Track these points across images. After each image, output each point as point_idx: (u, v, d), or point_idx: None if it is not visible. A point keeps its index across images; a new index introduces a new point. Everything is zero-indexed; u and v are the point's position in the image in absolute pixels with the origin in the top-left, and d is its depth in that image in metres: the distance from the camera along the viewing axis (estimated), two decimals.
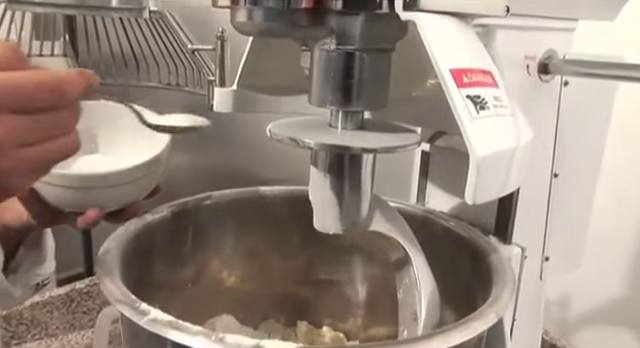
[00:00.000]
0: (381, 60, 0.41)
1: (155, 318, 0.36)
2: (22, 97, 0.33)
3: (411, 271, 0.47)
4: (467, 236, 0.53)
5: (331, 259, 0.64)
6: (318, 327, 0.65)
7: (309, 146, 0.40)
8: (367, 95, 0.41)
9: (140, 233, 0.50)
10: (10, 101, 0.33)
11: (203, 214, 0.58)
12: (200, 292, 0.59)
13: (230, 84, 0.57)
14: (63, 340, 0.87)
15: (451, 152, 0.57)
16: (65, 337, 0.88)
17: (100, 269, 0.42)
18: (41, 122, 0.34)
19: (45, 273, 0.60)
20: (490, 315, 0.41)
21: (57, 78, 0.35)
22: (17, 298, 0.58)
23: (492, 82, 0.38)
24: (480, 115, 0.36)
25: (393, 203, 0.57)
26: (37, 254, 0.57)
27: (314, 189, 0.45)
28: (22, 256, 0.56)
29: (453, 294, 0.53)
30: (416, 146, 0.42)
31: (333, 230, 0.45)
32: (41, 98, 0.34)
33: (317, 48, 0.40)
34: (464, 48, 0.38)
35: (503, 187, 0.39)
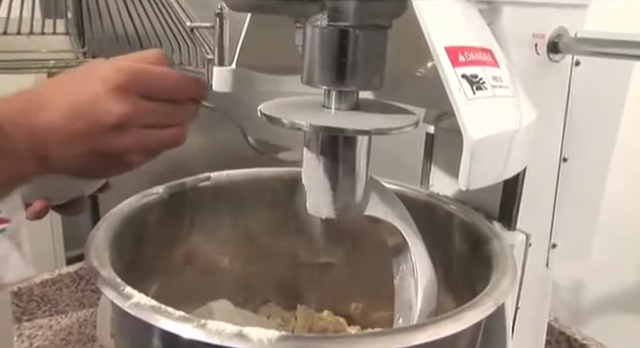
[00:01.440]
0: (376, 38, 0.39)
1: (138, 302, 0.35)
2: (152, 84, 0.40)
3: (408, 257, 0.46)
4: (469, 221, 0.51)
5: (332, 242, 0.63)
6: (319, 311, 0.65)
7: (300, 127, 0.39)
8: (362, 74, 0.39)
9: (135, 213, 0.50)
10: (142, 86, 0.39)
11: (201, 195, 0.57)
12: (199, 275, 0.59)
13: (229, 63, 0.55)
14: (72, 317, 0.88)
15: (456, 134, 0.55)
16: (75, 314, 0.89)
17: (88, 249, 0.41)
18: (163, 110, 0.41)
19: None
20: (487, 303, 0.39)
21: (183, 76, 0.43)
22: None
23: (492, 61, 0.36)
24: (477, 96, 0.34)
25: (394, 186, 0.56)
26: None
27: (307, 172, 0.43)
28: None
29: (454, 281, 0.52)
30: (413, 128, 0.40)
31: (326, 214, 0.43)
32: (166, 88, 0.41)
33: (309, 25, 0.39)
34: (463, 25, 0.36)
35: (501, 172, 0.37)
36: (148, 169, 0.53)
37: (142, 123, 0.40)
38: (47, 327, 0.85)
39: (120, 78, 0.39)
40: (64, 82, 0.40)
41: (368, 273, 0.63)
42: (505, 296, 0.41)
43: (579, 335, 0.71)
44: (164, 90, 0.41)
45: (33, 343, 0.82)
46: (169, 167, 0.59)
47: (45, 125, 0.37)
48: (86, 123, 0.38)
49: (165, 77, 0.41)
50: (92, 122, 0.38)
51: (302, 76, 0.41)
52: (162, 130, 0.42)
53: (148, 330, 0.35)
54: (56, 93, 0.38)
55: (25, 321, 0.86)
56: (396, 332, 0.35)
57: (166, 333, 0.33)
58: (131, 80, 0.39)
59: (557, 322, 0.72)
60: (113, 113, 0.38)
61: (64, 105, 0.37)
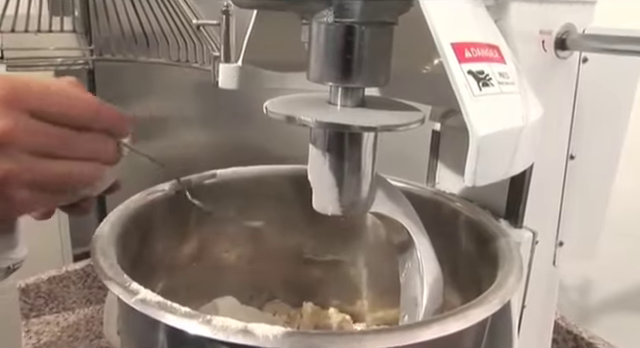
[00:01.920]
0: (382, 34, 0.39)
1: (144, 298, 0.35)
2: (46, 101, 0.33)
3: (414, 255, 0.45)
4: (475, 219, 0.51)
5: (338, 240, 0.63)
6: (325, 308, 0.65)
7: (306, 124, 0.39)
8: (367, 71, 0.39)
9: (141, 210, 0.50)
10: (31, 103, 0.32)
11: (207, 192, 0.57)
12: (205, 271, 0.59)
13: (235, 60, 0.55)
14: (79, 314, 0.89)
15: (462, 132, 0.55)
16: (82, 311, 0.89)
17: (94, 246, 0.41)
18: (61, 136, 0.34)
19: (17, 257, 0.60)
20: (493, 301, 0.39)
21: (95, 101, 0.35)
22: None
23: (498, 57, 0.36)
24: (483, 92, 0.34)
25: (399, 184, 0.56)
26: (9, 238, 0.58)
27: (313, 169, 0.43)
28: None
29: (460, 279, 0.51)
30: (419, 124, 0.40)
31: (331, 211, 0.43)
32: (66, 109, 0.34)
33: (315, 21, 0.39)
34: (469, 21, 0.36)
35: (508, 169, 0.37)
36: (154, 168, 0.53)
37: (30, 148, 0.32)
38: (54, 323, 0.86)
39: (5, 92, 0.32)
40: None
41: (374, 270, 0.63)
42: (511, 294, 0.40)
43: (586, 334, 0.70)
44: (62, 111, 0.34)
45: (41, 339, 0.82)
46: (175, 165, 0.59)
47: None
48: None
49: (66, 96, 0.34)
50: None
51: (308, 73, 0.41)
52: (60, 162, 0.34)
53: (154, 326, 0.35)
54: None
55: (33, 317, 0.87)
56: (401, 329, 0.35)
57: (172, 329, 0.34)
58: (19, 94, 0.32)
59: (564, 321, 0.72)
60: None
61: None
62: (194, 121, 0.95)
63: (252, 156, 0.72)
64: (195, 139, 0.97)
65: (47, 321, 0.86)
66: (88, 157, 0.35)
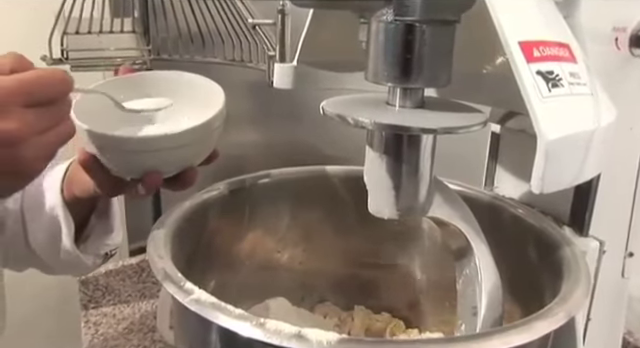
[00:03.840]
0: (444, 33, 0.38)
1: (198, 298, 0.35)
2: (31, 92, 0.38)
3: (472, 261, 0.44)
4: (537, 226, 0.48)
5: (392, 243, 0.61)
6: (377, 312, 0.63)
7: (364, 125, 0.38)
8: (428, 71, 0.38)
9: (196, 209, 0.50)
10: (22, 97, 0.38)
11: (261, 192, 0.57)
12: (257, 271, 0.59)
13: (291, 60, 0.55)
14: (134, 307, 0.91)
15: (523, 134, 0.53)
16: (136, 304, 0.91)
17: (150, 245, 0.42)
18: (49, 112, 0.40)
19: (113, 243, 0.62)
20: (558, 314, 0.37)
21: (56, 74, 0.40)
22: (88, 266, 0.61)
23: (569, 56, 0.34)
24: (552, 93, 0.32)
25: (457, 187, 0.54)
26: (105, 224, 0.60)
27: (369, 171, 0.42)
28: (92, 226, 0.59)
29: (520, 288, 0.49)
30: (480, 127, 0.38)
31: (388, 215, 0.42)
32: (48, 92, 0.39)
33: (374, 20, 0.38)
34: (537, 18, 0.34)
35: (578, 175, 0.35)
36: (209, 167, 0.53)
37: (36, 132, 0.39)
38: (111, 315, 0.88)
39: None
40: None
41: (428, 275, 0.61)
42: (578, 308, 0.38)
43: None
44: (45, 94, 0.40)
45: (98, 330, 0.85)
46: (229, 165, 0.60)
47: None
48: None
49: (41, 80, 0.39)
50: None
51: (366, 72, 0.40)
52: (55, 129, 0.40)
53: (207, 326, 0.35)
54: None
55: (91, 309, 0.89)
56: (461, 340, 0.33)
57: (224, 330, 0.33)
58: (10, 95, 0.37)
59: (632, 336, 0.68)
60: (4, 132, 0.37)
61: None
62: (248, 120, 0.96)
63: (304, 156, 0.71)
64: (248, 138, 0.97)
65: (104, 313, 0.89)
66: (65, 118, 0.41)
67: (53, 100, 0.40)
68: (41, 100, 0.39)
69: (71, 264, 0.61)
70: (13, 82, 0.38)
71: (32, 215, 0.60)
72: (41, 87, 0.39)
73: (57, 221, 0.57)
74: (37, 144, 0.39)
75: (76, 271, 0.66)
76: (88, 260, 0.61)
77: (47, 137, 0.40)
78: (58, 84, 0.40)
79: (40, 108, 0.39)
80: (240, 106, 0.93)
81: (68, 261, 0.60)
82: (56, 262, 0.61)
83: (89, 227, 0.61)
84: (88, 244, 0.60)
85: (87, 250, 0.60)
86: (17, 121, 0.37)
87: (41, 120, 0.39)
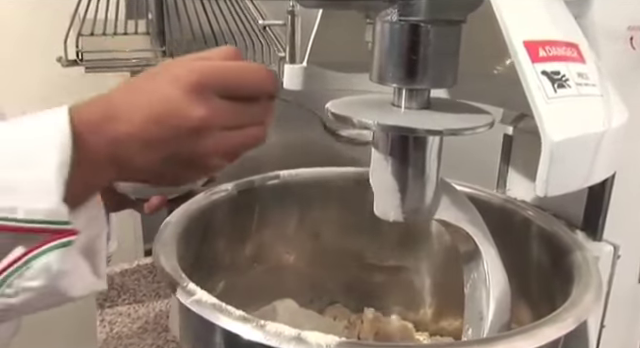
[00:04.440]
0: (449, 33, 0.37)
1: (200, 299, 0.35)
2: (230, 82, 0.37)
3: (480, 266, 0.43)
4: (549, 229, 0.48)
5: (402, 245, 0.61)
6: (387, 315, 0.63)
7: (368, 126, 0.37)
8: (433, 72, 0.37)
9: (203, 210, 0.50)
10: (217, 85, 0.36)
11: (270, 193, 0.57)
12: (266, 272, 0.59)
13: (301, 60, 0.55)
14: (149, 307, 0.91)
15: (536, 136, 0.52)
16: (151, 304, 0.92)
17: (156, 245, 0.42)
18: (243, 110, 0.38)
19: (108, 251, 0.63)
20: (567, 320, 0.36)
21: (259, 69, 0.38)
22: None
23: (577, 56, 0.33)
24: (558, 94, 0.31)
25: (467, 189, 0.53)
26: None
27: (375, 173, 0.42)
28: None
29: (531, 292, 0.48)
30: (487, 128, 0.38)
31: (393, 217, 0.42)
32: (245, 85, 0.38)
33: (379, 20, 0.37)
34: (545, 17, 0.34)
35: (586, 177, 0.34)
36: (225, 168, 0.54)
37: (223, 125, 0.37)
38: (126, 314, 0.89)
39: (196, 78, 0.35)
40: (137, 88, 0.38)
41: (438, 278, 0.60)
42: (587, 313, 0.37)
43: None
44: (243, 87, 0.38)
45: (113, 329, 0.86)
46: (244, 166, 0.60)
47: (122, 135, 0.35)
48: (164, 130, 0.35)
49: (243, 72, 0.38)
50: (170, 128, 0.35)
51: (371, 73, 0.39)
52: (243, 130, 0.38)
53: (208, 327, 0.35)
54: (130, 100, 0.36)
55: (107, 307, 0.90)
56: (465, 345, 0.33)
57: (225, 331, 0.33)
58: (208, 79, 0.36)
59: None
60: (192, 117, 0.35)
61: (140, 113, 0.35)
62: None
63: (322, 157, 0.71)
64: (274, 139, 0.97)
65: (120, 312, 0.90)
66: (262, 121, 0.39)
67: (252, 97, 0.38)
68: (238, 93, 0.37)
69: None
70: (212, 68, 0.36)
71: None
72: (241, 80, 0.37)
73: None
74: (220, 139, 0.37)
75: None
76: None
77: (233, 135, 0.37)
78: (261, 80, 0.38)
79: (236, 103, 0.37)
80: None
81: None
82: None
83: None
84: None
85: None
86: (206, 109, 0.35)
87: (232, 115, 0.37)
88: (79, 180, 0.33)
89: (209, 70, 0.36)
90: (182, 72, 0.36)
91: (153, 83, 0.37)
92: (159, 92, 0.36)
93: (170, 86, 0.35)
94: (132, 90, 0.37)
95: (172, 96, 0.35)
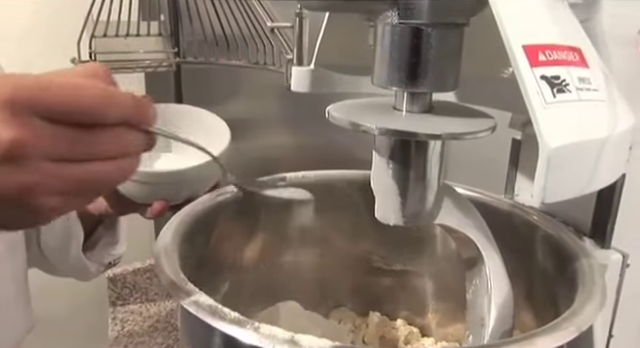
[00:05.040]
0: (451, 36, 0.37)
1: (197, 300, 0.35)
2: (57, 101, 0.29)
3: (483, 272, 0.43)
4: (555, 235, 0.47)
5: (409, 249, 0.61)
6: (393, 319, 0.63)
7: (368, 131, 0.37)
8: (434, 75, 0.37)
9: (208, 211, 0.51)
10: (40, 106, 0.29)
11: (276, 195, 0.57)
12: (272, 274, 0.59)
13: (308, 63, 0.55)
14: (160, 306, 0.92)
15: None
16: (162, 303, 0.93)
17: (157, 245, 0.42)
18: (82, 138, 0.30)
19: (117, 253, 0.64)
20: (568, 328, 0.36)
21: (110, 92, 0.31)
22: (91, 273, 0.64)
23: (579, 61, 0.33)
24: (557, 99, 0.31)
25: (473, 194, 0.53)
26: (111, 235, 0.62)
27: (376, 177, 0.42)
28: (99, 235, 0.61)
29: (536, 299, 0.48)
30: (488, 133, 0.37)
31: (393, 221, 0.42)
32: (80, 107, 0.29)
33: (380, 23, 0.37)
34: (547, 21, 0.33)
35: (587, 183, 0.33)
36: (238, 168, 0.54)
37: (49, 154, 0.29)
38: (137, 313, 0.90)
39: (8, 93, 0.28)
40: None
41: (445, 284, 0.60)
42: (588, 322, 0.37)
43: None
44: (76, 110, 0.29)
45: (125, 327, 0.87)
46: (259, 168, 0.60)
47: None
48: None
49: (78, 93, 0.29)
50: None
51: (372, 76, 0.39)
52: (86, 164, 0.30)
53: (204, 328, 0.35)
54: None
55: (119, 306, 0.92)
56: None
57: (219, 333, 0.34)
58: (24, 96, 0.28)
59: None
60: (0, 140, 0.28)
61: None
62: (278, 123, 0.96)
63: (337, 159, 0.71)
64: (278, 140, 0.98)
65: (131, 310, 0.91)
66: (114, 154, 0.31)
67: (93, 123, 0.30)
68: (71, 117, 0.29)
69: (76, 269, 0.64)
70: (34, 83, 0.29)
71: None
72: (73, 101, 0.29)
73: (69, 231, 0.60)
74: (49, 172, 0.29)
75: (79, 276, 0.68)
76: (92, 267, 0.64)
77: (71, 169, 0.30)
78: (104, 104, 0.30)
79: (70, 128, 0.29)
80: (270, 108, 0.94)
81: (74, 266, 0.63)
82: (63, 266, 0.64)
83: (96, 237, 0.63)
84: (94, 253, 0.63)
85: (92, 258, 0.63)
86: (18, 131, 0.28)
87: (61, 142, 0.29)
88: None
89: (28, 85, 0.29)
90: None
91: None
92: None
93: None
94: None
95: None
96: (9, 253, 0.58)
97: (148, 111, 0.32)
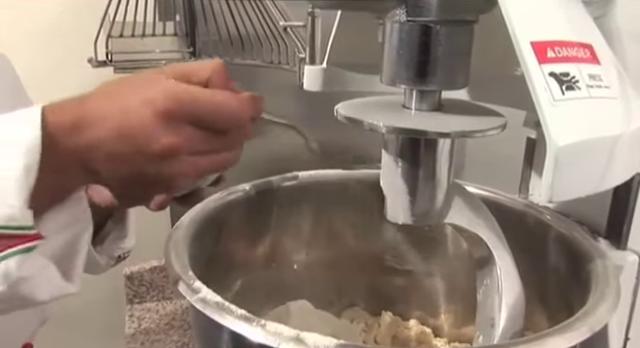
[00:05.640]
0: (460, 34, 0.36)
1: (204, 297, 0.36)
2: (205, 114, 0.36)
3: (493, 271, 0.42)
4: (569, 235, 0.46)
5: (422, 249, 0.60)
6: (406, 319, 0.62)
7: (376, 129, 0.37)
8: (443, 73, 0.37)
9: (219, 210, 0.51)
10: (194, 116, 0.36)
11: (288, 194, 0.57)
12: (284, 273, 0.59)
13: (320, 62, 0.55)
14: (176, 304, 0.93)
15: None
16: (178, 301, 0.94)
17: (168, 243, 0.43)
18: (216, 139, 0.37)
19: (126, 247, 0.65)
20: (580, 329, 0.35)
21: (240, 101, 0.38)
22: (101, 266, 0.64)
23: (590, 57, 0.32)
24: (566, 96, 0.30)
25: (486, 193, 0.52)
26: (121, 229, 0.63)
27: (385, 176, 0.42)
28: (109, 229, 0.62)
29: (549, 299, 0.47)
30: (499, 131, 0.37)
31: (402, 220, 0.41)
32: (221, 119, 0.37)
33: (388, 20, 0.37)
34: (557, 17, 0.33)
35: (599, 182, 0.33)
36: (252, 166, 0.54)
37: (191, 152, 0.36)
38: (154, 311, 0.91)
39: (170, 106, 0.35)
40: (113, 96, 0.37)
41: (457, 284, 0.59)
42: (602, 322, 0.36)
43: None
44: (217, 121, 0.37)
45: (141, 324, 0.88)
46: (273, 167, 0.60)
47: (90, 143, 0.35)
48: (131, 148, 0.35)
49: (220, 105, 0.37)
50: (137, 149, 0.35)
51: (381, 75, 0.39)
52: (212, 156, 0.38)
53: (211, 325, 0.35)
54: (103, 108, 0.36)
55: (136, 303, 0.93)
56: None
57: (226, 329, 0.34)
58: (182, 108, 0.35)
59: None
60: (159, 143, 0.35)
61: (109, 124, 0.35)
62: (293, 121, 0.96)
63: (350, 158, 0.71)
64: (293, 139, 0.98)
65: (148, 308, 0.92)
66: (236, 146, 0.39)
67: (223, 131, 0.38)
68: (212, 126, 0.37)
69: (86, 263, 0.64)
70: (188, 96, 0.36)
71: None
72: (216, 113, 0.37)
73: None
74: (187, 163, 0.36)
75: (89, 269, 0.69)
76: (102, 260, 0.65)
77: (202, 160, 0.37)
78: (237, 114, 0.37)
79: (208, 132, 0.37)
80: (284, 107, 0.94)
81: None
82: None
83: (105, 230, 0.64)
84: (104, 246, 0.64)
85: (102, 251, 0.64)
86: (175, 137, 0.35)
87: (202, 143, 0.37)
88: (48, 184, 0.33)
89: (185, 98, 0.36)
90: (159, 96, 0.35)
91: (129, 97, 0.36)
92: (132, 109, 0.35)
93: (144, 107, 0.35)
94: (107, 97, 0.37)
95: (144, 117, 0.35)
96: None
97: (262, 107, 0.40)
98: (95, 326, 0.99)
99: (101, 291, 0.94)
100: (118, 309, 0.93)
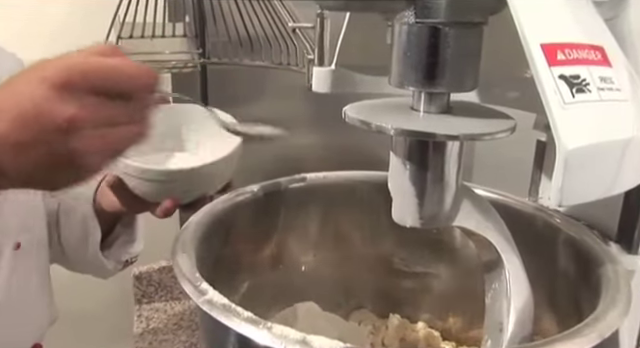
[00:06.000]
0: (469, 35, 0.36)
1: (211, 299, 0.36)
2: (101, 79, 0.35)
3: (502, 275, 0.42)
4: (579, 239, 0.46)
5: (430, 251, 0.60)
6: (414, 322, 0.62)
7: (384, 131, 0.37)
8: (452, 75, 0.37)
9: (227, 211, 0.51)
10: (89, 83, 0.34)
11: (295, 196, 0.57)
12: (292, 275, 0.59)
13: (329, 63, 0.55)
14: (185, 304, 0.93)
15: None
16: (187, 302, 0.94)
17: (176, 244, 0.43)
18: (119, 107, 0.36)
19: (134, 251, 0.66)
20: (590, 335, 0.35)
21: (135, 66, 0.36)
22: (108, 270, 0.65)
23: (601, 60, 0.32)
24: (576, 99, 0.30)
25: (495, 196, 0.52)
26: (129, 233, 0.63)
27: (393, 178, 0.41)
28: (117, 234, 0.62)
29: (558, 304, 0.47)
30: (508, 134, 0.36)
31: (410, 223, 0.41)
32: (119, 82, 0.36)
33: (397, 22, 0.37)
34: (568, 19, 0.32)
35: (610, 186, 0.33)
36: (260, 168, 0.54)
37: (95, 123, 0.35)
38: (162, 311, 0.91)
39: (62, 76, 0.34)
40: (8, 88, 0.35)
41: (466, 287, 0.59)
42: (611, 328, 0.36)
43: None
44: (116, 85, 0.35)
45: (150, 324, 0.88)
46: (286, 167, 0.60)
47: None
48: (32, 131, 0.34)
49: (115, 70, 0.35)
50: (41, 128, 0.34)
51: (390, 76, 0.39)
52: (120, 127, 0.36)
53: (218, 326, 0.35)
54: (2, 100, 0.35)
55: (144, 303, 0.93)
56: None
57: (233, 332, 0.34)
58: (77, 77, 0.34)
59: None
60: (62, 116, 0.33)
61: (8, 114, 0.34)
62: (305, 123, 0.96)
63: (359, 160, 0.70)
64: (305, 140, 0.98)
65: (156, 308, 0.92)
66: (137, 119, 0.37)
67: (126, 94, 0.36)
68: (111, 90, 0.35)
69: (94, 266, 0.65)
70: (82, 65, 0.34)
71: (66, 219, 0.64)
72: (113, 77, 0.35)
73: (87, 229, 0.62)
74: (93, 137, 0.35)
75: (97, 273, 0.70)
76: (109, 265, 0.65)
77: (109, 132, 0.36)
78: (135, 77, 0.36)
79: (109, 100, 0.35)
80: (293, 109, 0.94)
81: (91, 263, 0.64)
82: (81, 263, 0.66)
83: (114, 235, 0.64)
84: (112, 251, 0.64)
85: (110, 256, 0.64)
86: (74, 107, 0.34)
87: (105, 112, 0.35)
88: None
89: (79, 67, 0.34)
90: (50, 71, 0.34)
91: (23, 83, 0.35)
92: (27, 92, 0.34)
93: (38, 85, 0.34)
94: (4, 90, 0.35)
95: (39, 95, 0.34)
96: (34, 248, 0.60)
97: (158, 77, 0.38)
98: (103, 326, 1.00)
99: (109, 291, 0.94)
100: (126, 309, 0.93)
